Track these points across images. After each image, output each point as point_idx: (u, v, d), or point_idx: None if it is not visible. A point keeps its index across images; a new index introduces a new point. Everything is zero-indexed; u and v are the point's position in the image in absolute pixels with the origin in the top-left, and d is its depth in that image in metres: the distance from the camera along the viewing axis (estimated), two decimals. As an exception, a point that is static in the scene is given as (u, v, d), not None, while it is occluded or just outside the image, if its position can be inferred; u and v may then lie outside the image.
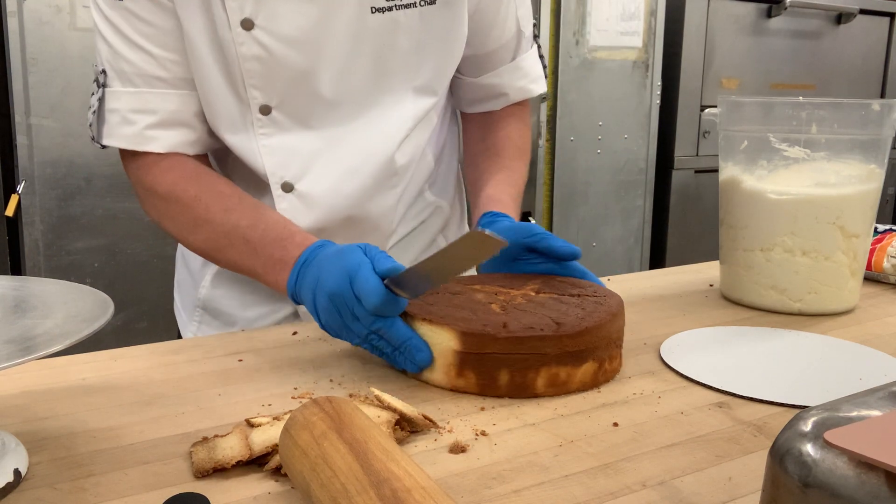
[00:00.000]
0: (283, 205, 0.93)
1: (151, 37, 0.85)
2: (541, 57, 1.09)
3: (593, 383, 0.70)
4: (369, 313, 0.70)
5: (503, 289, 0.79)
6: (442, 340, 0.69)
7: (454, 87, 1.08)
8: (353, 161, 0.93)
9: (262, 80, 0.87)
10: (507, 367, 0.68)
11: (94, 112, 0.89)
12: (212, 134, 0.94)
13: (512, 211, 0.95)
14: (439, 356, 0.70)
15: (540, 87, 1.07)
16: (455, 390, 0.69)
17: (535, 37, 1.07)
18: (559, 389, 0.69)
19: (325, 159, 0.92)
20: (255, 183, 0.95)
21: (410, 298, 0.72)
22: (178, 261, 1.11)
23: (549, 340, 0.67)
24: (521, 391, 0.68)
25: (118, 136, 0.88)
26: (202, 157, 0.95)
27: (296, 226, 0.85)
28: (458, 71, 1.04)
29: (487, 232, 0.59)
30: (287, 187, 0.92)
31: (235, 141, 0.92)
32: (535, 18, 1.09)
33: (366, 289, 0.69)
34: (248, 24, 0.84)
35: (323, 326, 0.75)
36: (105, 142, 0.90)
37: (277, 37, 0.85)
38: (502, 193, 0.97)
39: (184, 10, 0.85)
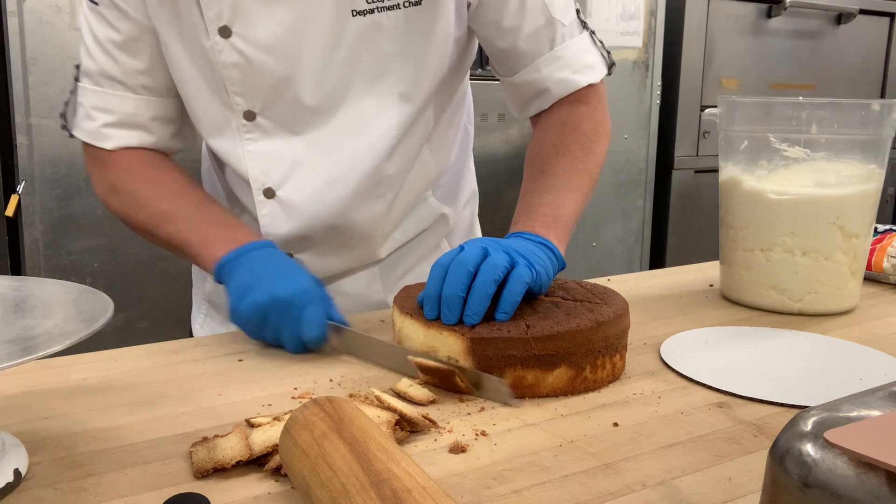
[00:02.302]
0: (264, 211, 0.93)
1: (118, 43, 0.89)
2: (600, 42, 0.98)
3: (569, 390, 0.69)
4: (297, 339, 0.76)
5: None
6: (417, 336, 0.71)
7: (504, 91, 1.01)
8: (337, 169, 0.91)
9: (244, 86, 0.87)
10: (472, 365, 0.68)
11: (67, 103, 0.94)
12: (174, 138, 0.96)
13: (524, 224, 0.84)
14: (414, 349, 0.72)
15: (587, 77, 0.95)
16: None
17: (584, 23, 0.97)
18: (527, 392, 0.68)
19: (309, 166, 0.91)
20: (250, 189, 0.94)
21: (335, 347, 0.79)
22: None
23: (514, 343, 0.67)
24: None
25: (80, 128, 0.93)
26: (164, 154, 0.97)
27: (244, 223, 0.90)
28: (496, 72, 0.99)
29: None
30: (269, 193, 0.92)
31: (221, 146, 0.93)
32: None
33: (315, 321, 0.76)
34: (225, 32, 0.84)
35: (234, 308, 0.78)
36: (74, 132, 0.94)
37: (254, 43, 0.85)
38: (520, 213, 0.87)
39: (160, 19, 0.86)
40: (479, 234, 1.15)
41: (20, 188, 1.77)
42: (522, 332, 0.68)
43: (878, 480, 0.33)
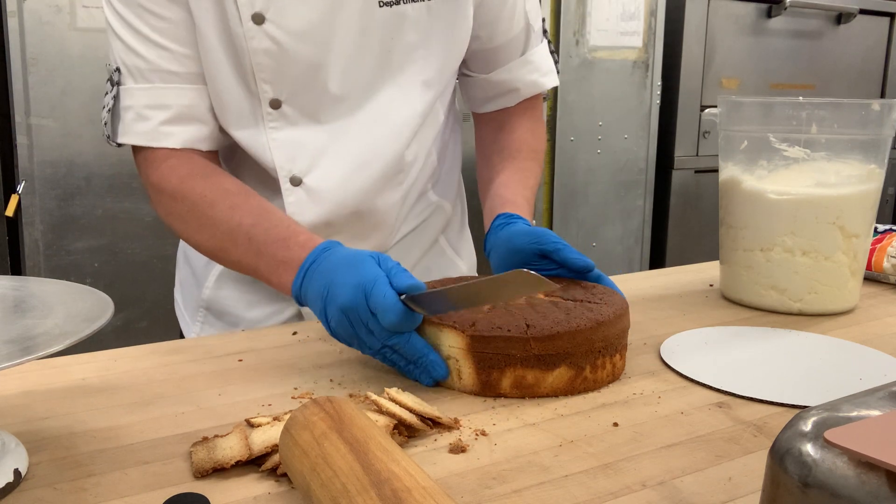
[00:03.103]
0: (291, 199, 0.93)
1: (165, 31, 0.85)
2: (552, 52, 1.07)
3: (569, 390, 0.69)
4: (384, 329, 0.69)
5: None
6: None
7: (466, 87, 1.07)
8: (362, 156, 0.93)
9: (273, 73, 0.88)
10: (472, 364, 0.68)
11: (109, 111, 0.89)
12: (223, 130, 0.93)
13: (526, 213, 0.94)
14: None
15: (551, 80, 1.06)
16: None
17: (545, 31, 1.06)
18: (527, 392, 0.68)
19: (334, 153, 0.92)
20: (263, 179, 0.95)
21: (427, 315, 0.71)
22: (179, 260, 1.10)
23: (514, 342, 0.67)
24: (487, 389, 0.68)
25: (133, 132, 0.88)
26: (212, 155, 0.93)
27: (299, 225, 0.84)
28: (468, 68, 1.04)
29: (536, 274, 0.59)
30: (295, 181, 0.92)
31: (244, 136, 0.92)
32: (536, 17, 1.07)
33: (382, 305, 0.68)
34: (258, 19, 0.84)
35: (334, 335, 0.74)
36: (120, 140, 0.89)
37: (287, 31, 0.85)
38: (517, 195, 0.96)
39: (196, 4, 0.85)
40: (468, 230, 1.18)
41: (20, 188, 1.77)
42: (522, 331, 0.68)
43: (878, 480, 0.33)
